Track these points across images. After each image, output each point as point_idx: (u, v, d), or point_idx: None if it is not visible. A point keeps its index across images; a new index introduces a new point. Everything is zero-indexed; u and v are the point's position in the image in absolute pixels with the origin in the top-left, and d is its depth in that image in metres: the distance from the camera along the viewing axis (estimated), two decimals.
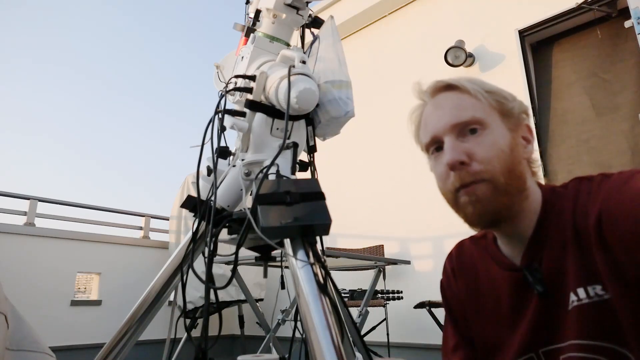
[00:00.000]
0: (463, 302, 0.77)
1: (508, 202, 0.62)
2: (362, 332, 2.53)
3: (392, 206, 3.35)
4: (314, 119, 1.08)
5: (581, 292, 0.58)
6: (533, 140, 0.70)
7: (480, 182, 0.62)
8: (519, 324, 0.66)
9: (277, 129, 1.03)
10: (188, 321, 3.16)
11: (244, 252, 1.05)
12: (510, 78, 2.88)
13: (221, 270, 3.02)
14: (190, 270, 0.91)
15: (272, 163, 0.88)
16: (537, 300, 0.64)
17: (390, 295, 2.68)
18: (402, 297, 2.70)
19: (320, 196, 0.82)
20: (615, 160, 2.50)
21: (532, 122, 0.72)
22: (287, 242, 0.82)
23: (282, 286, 1.14)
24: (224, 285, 0.86)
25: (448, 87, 0.68)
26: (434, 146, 0.68)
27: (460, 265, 0.79)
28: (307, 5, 1.14)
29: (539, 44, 3.00)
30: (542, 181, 0.71)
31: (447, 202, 0.67)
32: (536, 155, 0.70)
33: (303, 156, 1.12)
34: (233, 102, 1.11)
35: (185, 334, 2.42)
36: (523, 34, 2.92)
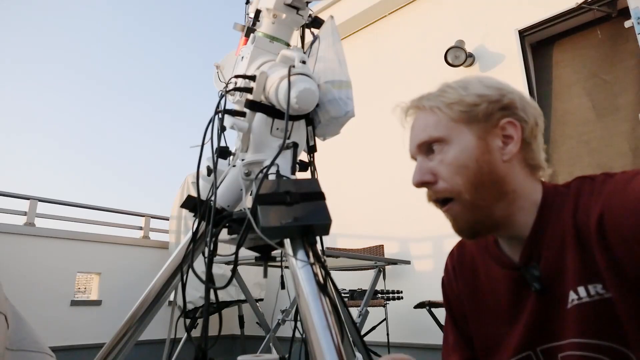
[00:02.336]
0: (463, 300, 0.78)
1: (481, 216, 0.64)
2: (362, 332, 2.53)
3: (392, 206, 3.34)
4: (314, 119, 1.08)
5: (582, 290, 0.58)
6: (521, 135, 0.64)
7: (450, 202, 0.64)
8: (517, 321, 0.66)
9: (277, 129, 1.03)
10: (188, 321, 3.16)
11: (244, 252, 1.05)
12: (510, 78, 2.88)
13: (221, 270, 3.02)
14: (190, 270, 0.91)
15: (272, 163, 0.88)
16: (535, 298, 0.64)
17: (390, 295, 2.67)
18: (402, 297, 2.70)
19: (320, 196, 0.82)
20: (616, 161, 2.50)
21: (522, 114, 0.66)
22: (287, 242, 0.82)
23: (282, 286, 1.14)
24: (224, 285, 0.86)
25: (413, 107, 0.71)
26: None
27: (461, 263, 0.80)
28: (307, 5, 1.14)
29: (539, 44, 3.00)
30: (544, 177, 0.70)
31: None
32: (536, 149, 0.66)
33: (303, 156, 1.12)
34: (233, 102, 1.11)
35: (185, 334, 2.41)
36: (523, 34, 2.92)
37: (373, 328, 2.69)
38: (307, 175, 1.04)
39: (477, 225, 0.64)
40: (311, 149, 1.10)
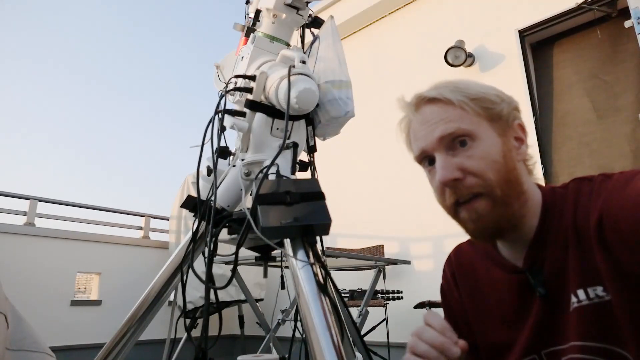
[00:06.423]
0: (464, 306, 0.77)
1: (508, 214, 0.61)
2: (362, 332, 2.53)
3: (392, 206, 3.34)
4: (314, 119, 1.08)
5: (581, 293, 0.58)
6: (526, 139, 0.68)
7: (478, 198, 0.60)
8: (521, 325, 0.66)
9: (277, 129, 1.03)
10: (188, 321, 3.16)
11: (244, 252, 1.05)
12: (510, 78, 2.88)
13: (221, 270, 3.02)
14: (190, 270, 0.91)
15: (272, 163, 0.88)
16: (539, 302, 0.63)
17: (390, 295, 2.67)
18: (402, 297, 2.70)
19: (320, 196, 0.82)
20: (616, 162, 2.50)
21: (523, 119, 0.70)
22: (287, 242, 0.82)
23: (282, 286, 1.14)
24: (224, 285, 0.86)
25: (431, 100, 0.66)
26: (426, 160, 0.67)
27: (460, 268, 0.79)
28: (307, 5, 1.14)
29: (539, 44, 3.00)
30: (541, 181, 0.70)
31: (448, 215, 0.66)
32: (531, 152, 0.68)
33: (303, 156, 1.12)
34: (233, 102, 1.11)
35: (185, 334, 2.42)
36: (523, 34, 2.92)
37: (373, 328, 2.69)
38: (307, 175, 1.03)
39: (504, 222, 0.62)
40: (311, 149, 1.10)
